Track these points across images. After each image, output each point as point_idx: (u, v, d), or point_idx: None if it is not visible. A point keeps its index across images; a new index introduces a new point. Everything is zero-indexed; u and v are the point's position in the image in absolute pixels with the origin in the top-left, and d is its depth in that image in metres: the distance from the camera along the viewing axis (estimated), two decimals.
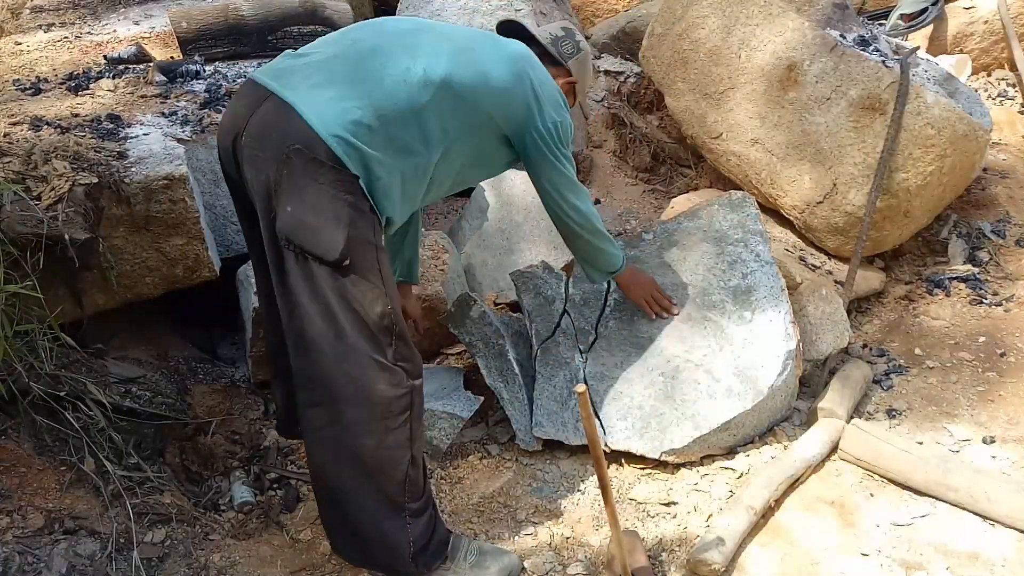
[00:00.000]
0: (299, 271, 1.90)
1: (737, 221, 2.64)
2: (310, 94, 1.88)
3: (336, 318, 1.90)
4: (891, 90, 2.88)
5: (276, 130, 1.87)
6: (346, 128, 1.85)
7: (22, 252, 2.20)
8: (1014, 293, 3.10)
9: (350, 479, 2.01)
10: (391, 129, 1.91)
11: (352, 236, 1.86)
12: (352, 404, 1.95)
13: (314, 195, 1.85)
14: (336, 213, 1.86)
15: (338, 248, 1.85)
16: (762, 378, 2.47)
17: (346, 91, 1.89)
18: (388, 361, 1.95)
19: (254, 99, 1.92)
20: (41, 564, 2.03)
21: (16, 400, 2.26)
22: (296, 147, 1.84)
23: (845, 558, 2.18)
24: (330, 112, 1.86)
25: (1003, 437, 2.54)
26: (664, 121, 4.00)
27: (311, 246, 1.87)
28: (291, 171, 1.85)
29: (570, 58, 2.33)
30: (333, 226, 1.85)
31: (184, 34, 3.33)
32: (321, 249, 1.86)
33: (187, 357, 2.87)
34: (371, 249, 1.92)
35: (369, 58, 1.95)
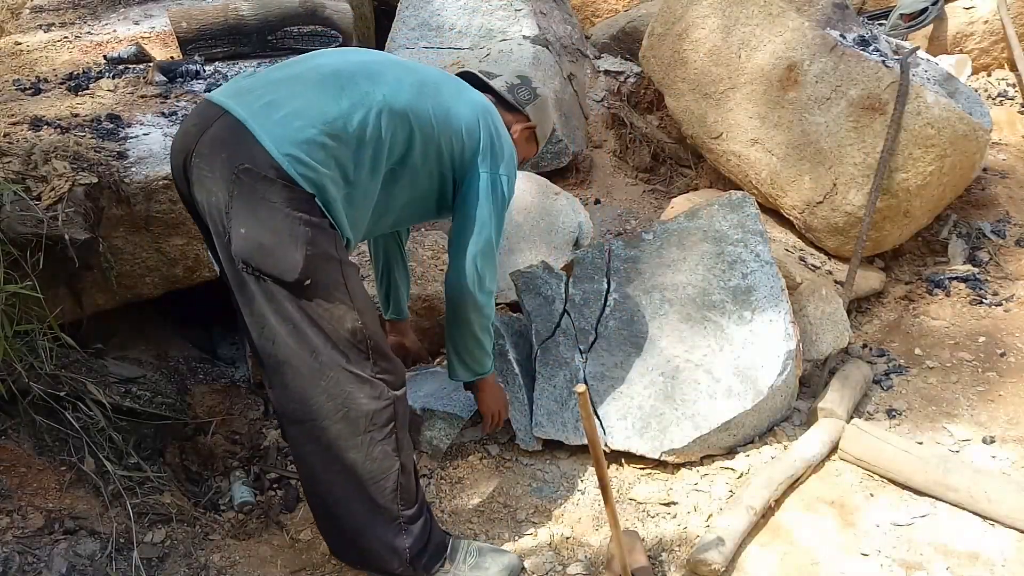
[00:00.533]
0: (261, 293, 1.86)
1: (737, 221, 2.64)
2: (263, 112, 1.84)
3: (307, 337, 1.87)
4: (891, 90, 2.88)
5: (226, 150, 1.83)
6: (298, 146, 1.81)
7: (22, 252, 2.20)
8: (1014, 293, 3.10)
9: (341, 492, 2.00)
10: (343, 151, 1.87)
11: (311, 254, 1.82)
12: (334, 420, 1.93)
13: (267, 215, 1.80)
14: (292, 232, 1.81)
15: (297, 268, 1.81)
16: (762, 378, 2.47)
17: (301, 109, 1.85)
18: (367, 374, 1.93)
19: (206, 118, 1.88)
20: (41, 564, 2.03)
21: (16, 400, 2.26)
22: (245, 167, 1.79)
23: (845, 558, 2.18)
24: (282, 130, 1.82)
25: (1003, 437, 2.54)
26: (664, 121, 4.01)
27: (269, 268, 1.82)
28: (242, 191, 1.80)
29: (527, 104, 2.32)
30: (290, 246, 1.81)
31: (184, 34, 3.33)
32: (279, 270, 1.82)
33: (187, 357, 2.87)
34: (334, 264, 1.87)
35: (329, 79, 1.92)
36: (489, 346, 2.30)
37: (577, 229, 3.24)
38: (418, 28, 4.05)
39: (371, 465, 1.97)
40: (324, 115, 1.86)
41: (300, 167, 1.81)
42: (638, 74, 4.17)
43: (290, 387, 1.94)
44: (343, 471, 1.97)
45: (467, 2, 4.01)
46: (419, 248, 2.96)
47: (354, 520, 2.02)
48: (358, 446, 1.95)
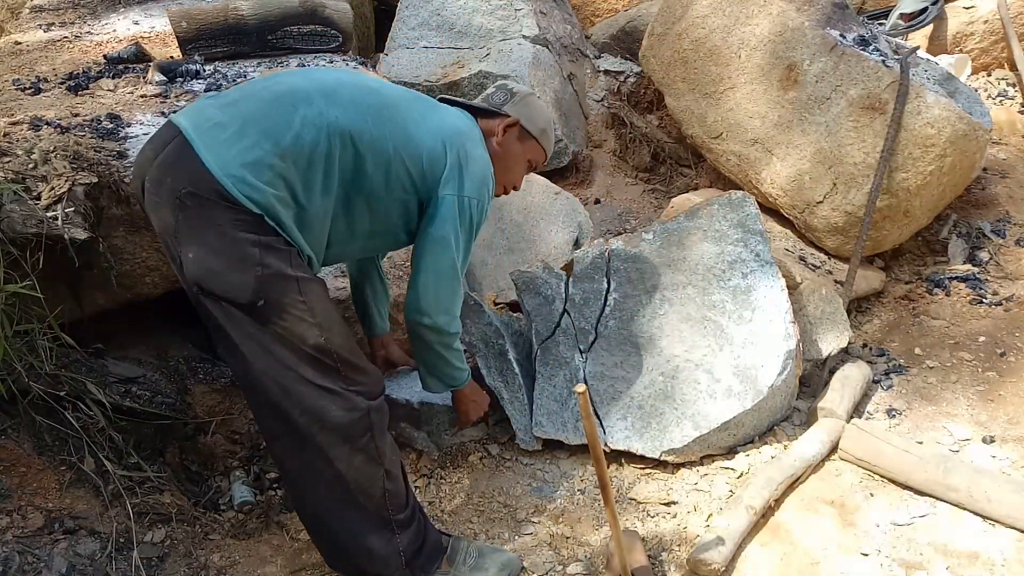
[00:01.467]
0: (222, 314, 1.85)
1: (737, 221, 2.64)
2: (211, 132, 1.83)
3: (272, 353, 1.86)
4: (891, 90, 2.88)
5: (171, 174, 1.83)
6: (244, 167, 1.79)
7: (22, 252, 2.20)
8: (1014, 293, 3.10)
9: (330, 504, 1.99)
10: (291, 171, 1.85)
11: (262, 275, 1.80)
12: (311, 434, 1.92)
13: (214, 238, 1.79)
14: (240, 254, 1.80)
15: (248, 289, 1.80)
16: (762, 378, 2.47)
17: (250, 129, 1.83)
18: (338, 388, 1.91)
19: (162, 141, 1.88)
20: (41, 564, 2.03)
21: (16, 400, 2.26)
22: (188, 190, 1.79)
23: (845, 558, 2.18)
24: (227, 151, 1.80)
25: (1003, 437, 2.54)
26: (664, 121, 4.01)
27: (221, 290, 1.82)
28: (187, 215, 1.80)
29: (504, 104, 2.25)
30: (239, 267, 1.80)
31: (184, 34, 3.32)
32: (232, 293, 1.81)
33: (187, 357, 2.87)
34: (290, 282, 1.85)
35: (284, 98, 1.90)
36: (459, 360, 2.27)
37: (577, 229, 3.24)
38: (418, 28, 4.05)
39: (355, 474, 1.96)
40: (272, 135, 1.84)
41: (244, 187, 1.79)
42: (638, 74, 4.17)
43: (264, 404, 1.93)
44: (329, 483, 1.97)
45: (467, 2, 4.01)
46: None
47: (347, 530, 2.01)
48: (339, 457, 1.94)
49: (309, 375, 1.88)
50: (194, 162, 1.80)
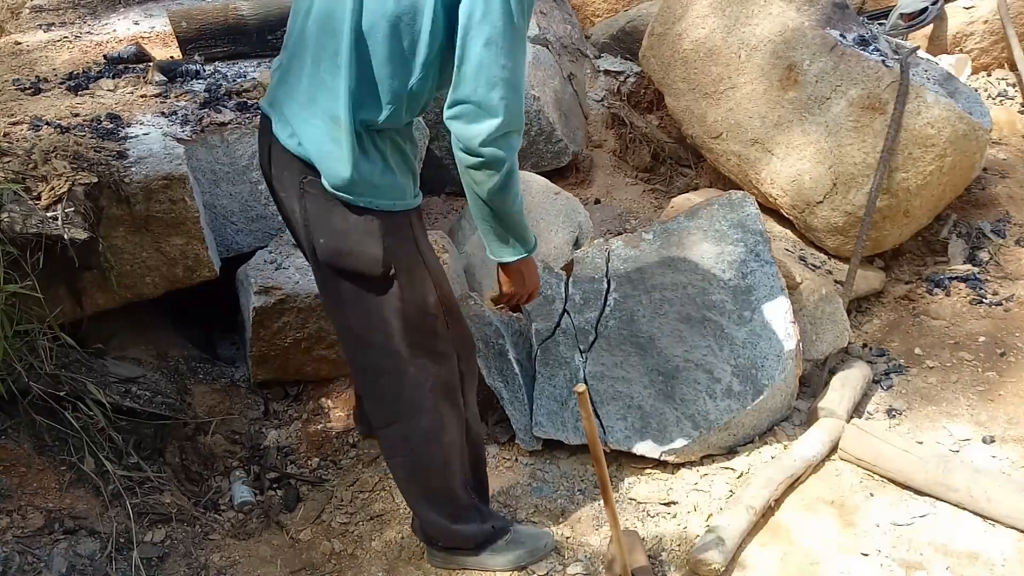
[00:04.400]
0: (351, 290, 1.93)
1: (737, 221, 2.64)
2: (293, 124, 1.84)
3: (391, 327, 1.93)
4: (891, 90, 2.88)
5: (287, 169, 1.90)
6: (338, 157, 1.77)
7: (22, 252, 2.20)
8: (1014, 293, 3.10)
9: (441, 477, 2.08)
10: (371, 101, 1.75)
11: (388, 245, 1.86)
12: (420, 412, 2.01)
13: (339, 220, 1.85)
14: (366, 230, 1.85)
15: (379, 263, 1.86)
16: (762, 378, 2.47)
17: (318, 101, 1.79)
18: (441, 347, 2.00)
19: (265, 137, 1.95)
20: (41, 564, 2.03)
21: (16, 400, 2.26)
22: (309, 179, 1.85)
23: (845, 558, 2.18)
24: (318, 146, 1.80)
25: (1003, 437, 2.54)
26: (664, 121, 4.00)
27: (355, 267, 1.89)
28: (312, 203, 1.87)
29: None
30: (367, 243, 1.86)
31: (184, 34, 3.32)
32: (365, 267, 1.88)
33: (187, 357, 2.87)
34: (410, 245, 1.92)
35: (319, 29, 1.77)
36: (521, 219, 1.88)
37: (577, 229, 3.24)
38: None
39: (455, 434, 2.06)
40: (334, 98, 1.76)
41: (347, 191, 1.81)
42: (638, 74, 4.17)
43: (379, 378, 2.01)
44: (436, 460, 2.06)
45: None
46: None
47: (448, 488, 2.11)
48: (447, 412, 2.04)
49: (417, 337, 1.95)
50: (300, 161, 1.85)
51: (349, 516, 2.42)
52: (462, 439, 2.10)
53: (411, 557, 2.28)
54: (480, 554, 2.19)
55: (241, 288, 2.82)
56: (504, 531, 2.21)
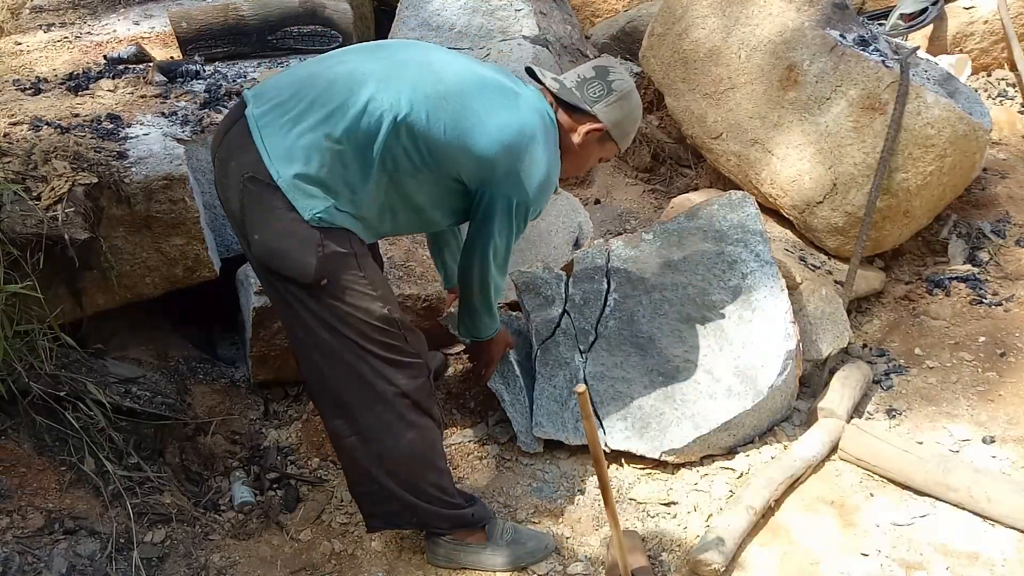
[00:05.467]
0: (287, 293, 1.91)
1: (737, 221, 2.64)
2: (269, 115, 1.87)
3: (339, 331, 1.91)
4: (891, 90, 2.88)
5: (234, 157, 1.88)
6: (297, 151, 1.83)
7: (22, 252, 2.20)
8: (1014, 293, 3.10)
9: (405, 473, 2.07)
10: (345, 156, 1.86)
11: (324, 255, 1.84)
12: (376, 407, 1.99)
13: (276, 221, 1.84)
14: (301, 236, 1.84)
15: (310, 271, 1.85)
16: (762, 378, 2.47)
17: (307, 113, 1.86)
18: (402, 358, 1.99)
19: (232, 118, 1.94)
20: (41, 564, 2.03)
21: (16, 400, 2.26)
22: (250, 175, 1.84)
23: (845, 558, 2.18)
24: (281, 138, 1.84)
25: (1003, 437, 2.54)
26: (664, 121, 4.00)
27: (286, 271, 1.87)
28: (250, 199, 1.85)
29: (596, 102, 2.08)
30: (301, 249, 1.84)
31: (184, 34, 3.33)
32: (296, 273, 1.86)
33: (187, 357, 2.87)
34: (349, 259, 1.89)
35: (342, 81, 1.89)
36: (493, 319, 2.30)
37: (577, 229, 3.24)
38: (418, 28, 4.04)
39: (429, 435, 2.07)
40: (327, 122, 1.85)
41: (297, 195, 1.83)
42: (638, 74, 4.17)
43: (329, 380, 1.99)
44: (400, 453, 2.04)
45: (467, 2, 4.01)
46: (419, 248, 2.96)
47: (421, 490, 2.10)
48: (412, 423, 2.02)
49: (375, 349, 1.94)
50: (253, 150, 1.84)
51: (349, 516, 2.42)
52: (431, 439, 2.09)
53: (411, 557, 2.28)
54: (481, 553, 2.19)
55: (241, 288, 2.82)
56: (483, 520, 2.21)
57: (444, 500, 2.13)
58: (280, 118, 1.86)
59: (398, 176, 1.94)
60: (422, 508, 2.11)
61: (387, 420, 2.00)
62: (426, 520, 2.15)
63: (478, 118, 1.93)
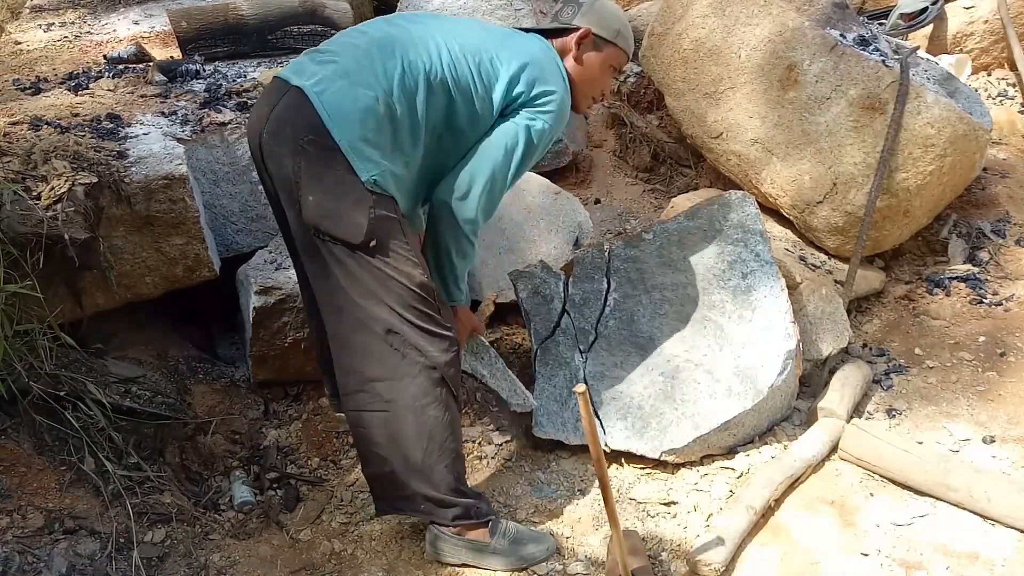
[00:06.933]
0: (333, 258, 1.98)
1: (737, 221, 2.64)
2: (321, 83, 1.95)
3: (378, 297, 1.98)
4: (891, 90, 2.88)
5: (290, 124, 1.95)
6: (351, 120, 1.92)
7: (22, 252, 2.20)
8: (1014, 293, 3.10)
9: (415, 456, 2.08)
10: (391, 121, 1.97)
11: (374, 216, 1.93)
12: (404, 379, 2.03)
13: (332, 182, 1.92)
14: (356, 197, 1.93)
15: (362, 231, 1.93)
16: (762, 378, 2.47)
17: (356, 80, 1.96)
18: (436, 329, 2.04)
19: (275, 96, 2.00)
20: (41, 564, 2.03)
21: (16, 400, 2.26)
22: (310, 138, 1.92)
23: (845, 558, 2.18)
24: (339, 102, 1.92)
25: (1003, 437, 2.54)
26: (664, 121, 4.00)
27: (337, 232, 1.94)
28: (308, 161, 1.93)
29: (573, 18, 2.27)
30: (354, 210, 1.93)
31: (184, 34, 3.32)
32: (347, 233, 1.94)
33: (187, 357, 2.87)
34: (395, 224, 1.98)
35: (376, 49, 2.01)
36: (461, 277, 2.25)
37: (577, 229, 3.24)
38: None
39: (450, 415, 2.09)
40: (375, 85, 1.96)
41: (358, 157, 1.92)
42: (638, 74, 4.17)
43: (363, 349, 2.03)
44: (421, 429, 2.06)
45: (467, 2, 4.00)
46: None
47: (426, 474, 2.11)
48: (436, 399, 2.06)
49: (410, 316, 2.00)
50: (312, 114, 1.92)
51: (349, 516, 2.42)
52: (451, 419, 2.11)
53: (411, 557, 2.29)
54: (483, 551, 2.19)
55: (241, 288, 2.82)
56: (488, 516, 2.21)
57: (455, 488, 2.14)
58: (333, 84, 1.94)
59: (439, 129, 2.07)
60: (433, 495, 2.13)
61: (412, 393, 2.04)
62: (434, 508, 2.16)
63: (498, 57, 2.10)
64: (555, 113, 2.14)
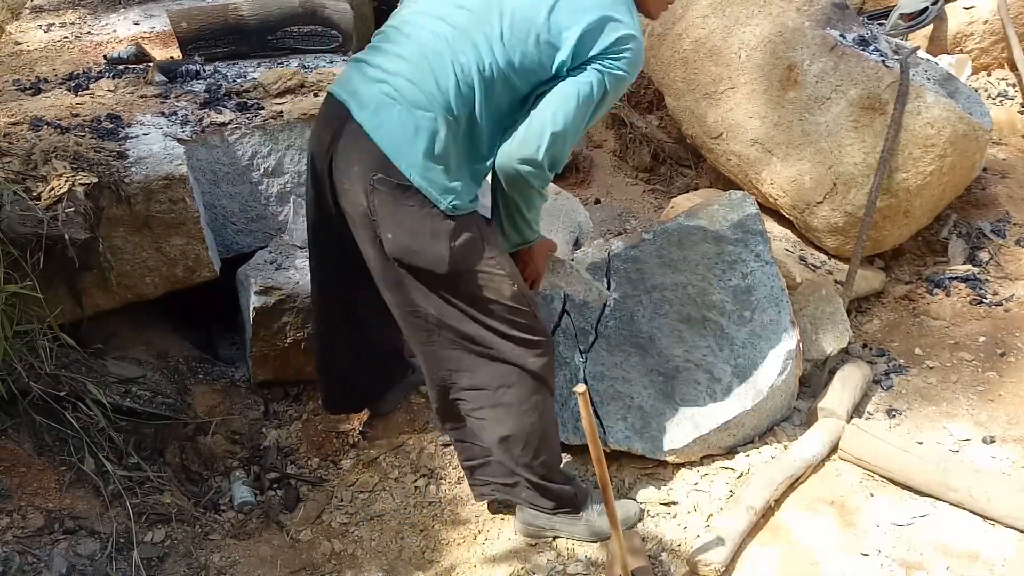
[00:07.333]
0: (422, 285, 1.98)
1: (737, 221, 2.64)
2: (378, 115, 1.90)
3: (471, 316, 1.99)
4: (891, 90, 2.88)
5: (357, 162, 1.92)
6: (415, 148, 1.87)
7: (22, 252, 2.21)
8: (1014, 293, 3.10)
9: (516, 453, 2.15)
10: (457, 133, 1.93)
11: (456, 245, 1.92)
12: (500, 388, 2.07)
13: (407, 218, 1.91)
14: (433, 229, 1.91)
15: (445, 261, 1.92)
16: (762, 378, 2.47)
17: (410, 99, 1.89)
18: (530, 337, 2.05)
19: (335, 123, 1.96)
20: (41, 564, 2.03)
21: (16, 400, 2.26)
22: (379, 176, 1.89)
23: (845, 558, 2.18)
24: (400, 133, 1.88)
25: (1003, 437, 2.54)
26: (664, 121, 4.00)
27: (422, 263, 1.94)
28: (381, 200, 1.91)
29: None
30: (434, 243, 1.91)
31: (184, 34, 3.32)
32: (431, 265, 1.93)
33: (187, 357, 2.87)
34: (478, 244, 1.97)
35: (427, 56, 1.91)
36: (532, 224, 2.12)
37: (577, 229, 3.24)
38: None
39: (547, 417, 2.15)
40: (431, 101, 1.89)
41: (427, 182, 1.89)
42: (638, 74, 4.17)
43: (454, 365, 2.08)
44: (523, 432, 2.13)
45: None
46: None
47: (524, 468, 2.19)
48: (536, 403, 2.11)
49: (505, 329, 2.03)
50: (375, 150, 1.89)
51: (349, 516, 2.42)
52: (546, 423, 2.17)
53: (411, 557, 2.29)
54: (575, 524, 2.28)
55: (241, 288, 2.82)
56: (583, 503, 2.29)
57: (552, 479, 2.21)
58: (389, 114, 1.89)
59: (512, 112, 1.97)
60: (536, 483, 2.20)
61: (508, 401, 2.08)
62: (534, 496, 2.23)
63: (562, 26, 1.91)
64: (630, 60, 1.98)
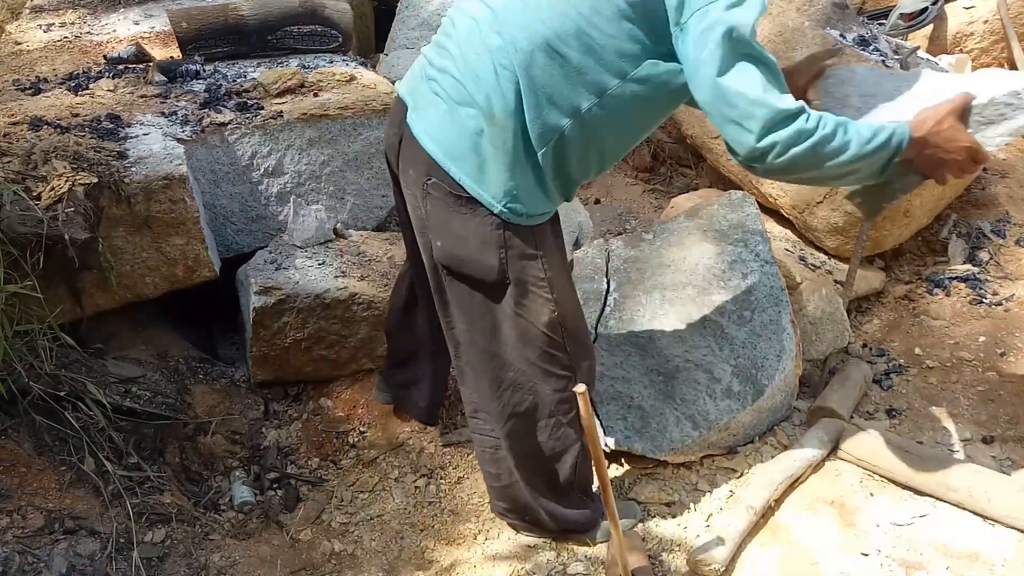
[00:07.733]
0: (463, 291, 1.96)
1: (737, 221, 2.64)
2: (426, 117, 1.86)
3: (503, 333, 1.96)
4: None
5: (412, 166, 1.91)
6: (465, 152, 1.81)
7: (22, 252, 2.20)
8: (1014, 293, 3.10)
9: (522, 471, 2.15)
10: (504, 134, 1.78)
11: (505, 257, 1.88)
12: (516, 417, 2.06)
13: (459, 226, 1.87)
14: (484, 239, 1.86)
15: (494, 272, 1.88)
16: (762, 378, 2.47)
17: (460, 96, 1.79)
18: (557, 368, 2.00)
19: (399, 124, 1.94)
20: (41, 564, 2.03)
21: (16, 400, 2.26)
22: (432, 180, 1.86)
23: (845, 558, 2.18)
24: (448, 135, 1.82)
25: (1003, 437, 2.54)
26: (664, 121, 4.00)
27: (469, 271, 1.91)
28: (433, 205, 1.88)
29: None
30: (484, 252, 1.87)
31: (184, 34, 3.32)
32: (479, 275, 1.90)
33: (187, 357, 2.87)
34: (531, 261, 1.90)
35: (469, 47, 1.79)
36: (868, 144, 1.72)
37: (577, 229, 3.24)
38: (418, 28, 4.04)
39: (554, 443, 2.10)
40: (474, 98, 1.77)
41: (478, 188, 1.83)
42: None
43: (474, 380, 2.09)
44: (525, 452, 2.11)
45: None
46: None
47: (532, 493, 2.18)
48: (543, 428, 2.08)
49: (531, 355, 1.98)
50: (425, 155, 1.86)
51: (349, 516, 2.42)
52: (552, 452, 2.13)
53: (411, 557, 2.29)
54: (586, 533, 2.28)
55: (241, 288, 2.82)
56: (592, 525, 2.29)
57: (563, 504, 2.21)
58: (436, 115, 1.83)
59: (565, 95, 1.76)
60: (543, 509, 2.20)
61: (517, 430, 2.08)
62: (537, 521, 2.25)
63: None
64: None
